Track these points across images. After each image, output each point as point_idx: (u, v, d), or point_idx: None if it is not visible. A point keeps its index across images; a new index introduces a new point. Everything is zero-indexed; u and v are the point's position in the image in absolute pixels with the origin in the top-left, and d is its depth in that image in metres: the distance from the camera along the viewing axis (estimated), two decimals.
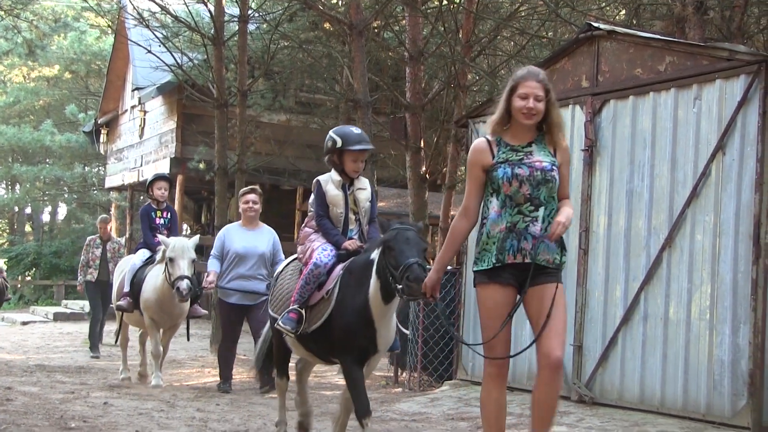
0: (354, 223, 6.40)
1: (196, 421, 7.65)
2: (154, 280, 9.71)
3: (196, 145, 20.90)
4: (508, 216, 4.99)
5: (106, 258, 14.36)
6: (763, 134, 7.18)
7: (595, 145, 8.66)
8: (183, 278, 9.17)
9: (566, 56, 9.11)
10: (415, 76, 14.24)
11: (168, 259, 9.35)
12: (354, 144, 6.31)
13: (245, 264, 9.75)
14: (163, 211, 10.54)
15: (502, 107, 5.14)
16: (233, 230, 10.00)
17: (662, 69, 8.10)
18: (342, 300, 5.91)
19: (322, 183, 6.44)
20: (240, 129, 15.59)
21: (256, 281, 9.75)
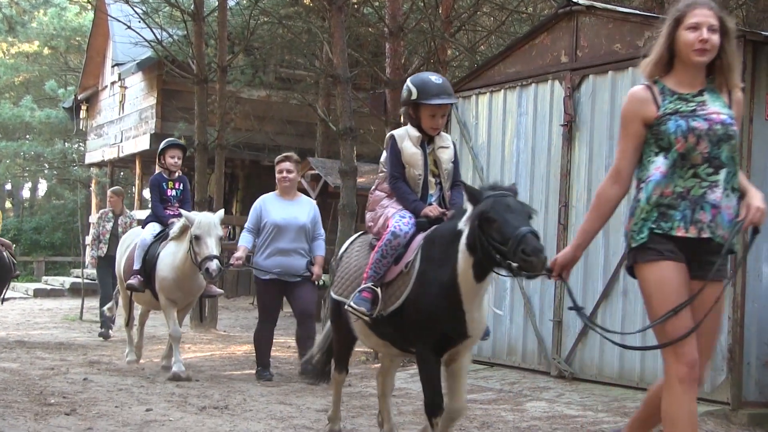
0: (434, 186, 5.52)
1: (176, 397, 7.58)
2: (171, 258, 8.84)
3: (176, 121, 20.76)
4: (678, 179, 4.11)
5: (117, 233, 13.11)
6: (747, 109, 7.12)
7: (575, 120, 8.60)
8: (212, 258, 8.30)
9: (545, 31, 9.03)
10: (395, 51, 14.12)
11: (193, 237, 8.45)
12: (432, 97, 5.40)
13: (284, 237, 8.75)
14: (176, 182, 9.64)
15: (662, 45, 4.23)
16: (270, 201, 8.96)
17: (641, 44, 8.02)
18: (424, 275, 5.05)
19: (397, 138, 5.51)
20: (220, 105, 15.45)
21: (297, 256, 8.80)
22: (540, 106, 9.00)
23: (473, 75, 9.98)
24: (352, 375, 9.07)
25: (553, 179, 8.80)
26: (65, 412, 6.63)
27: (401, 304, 5.09)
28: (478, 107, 9.71)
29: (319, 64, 17.90)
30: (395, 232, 5.23)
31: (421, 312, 5.00)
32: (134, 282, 9.12)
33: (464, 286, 4.88)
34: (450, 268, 4.91)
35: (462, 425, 6.55)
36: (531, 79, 9.08)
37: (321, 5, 14.30)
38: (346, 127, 11.46)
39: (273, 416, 6.78)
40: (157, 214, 9.47)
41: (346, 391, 8.11)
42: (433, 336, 5.02)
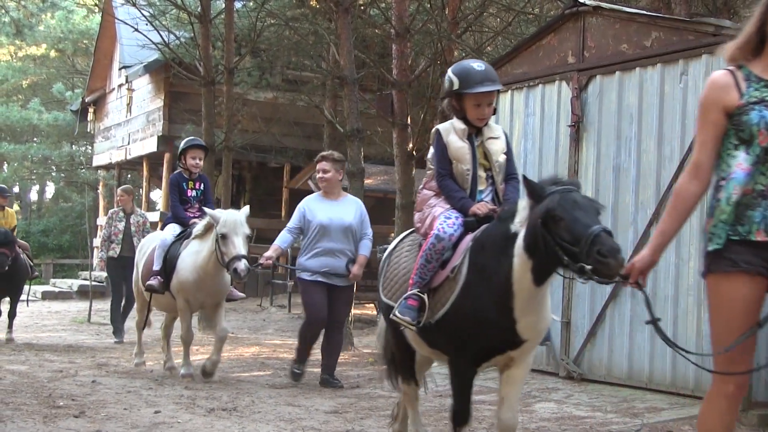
0: (485, 182, 5.13)
1: (184, 399, 7.58)
2: (193, 258, 8.51)
3: (183, 123, 20.79)
4: (759, 176, 3.70)
5: (130, 232, 12.89)
6: None
7: (582, 120, 8.58)
8: (240, 258, 8.00)
9: (552, 32, 9.02)
10: (402, 52, 14.12)
11: (219, 236, 8.14)
12: (475, 85, 5.00)
13: (330, 237, 8.40)
14: (196, 182, 9.28)
15: (752, 26, 3.83)
16: (314, 201, 8.62)
17: (648, 44, 8.02)
18: (471, 281, 4.65)
19: (442, 133, 5.15)
20: (227, 107, 15.47)
21: (344, 258, 8.47)
22: (547, 107, 8.99)
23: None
24: (360, 376, 9.08)
25: None
26: (74, 415, 6.63)
27: (447, 310, 4.72)
28: None
29: (326, 66, 17.88)
30: (439, 235, 4.87)
31: (465, 321, 4.63)
32: (154, 283, 8.76)
33: (520, 292, 4.48)
34: (502, 273, 4.51)
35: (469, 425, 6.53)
36: (538, 80, 9.07)
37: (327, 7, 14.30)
38: (353, 128, 11.46)
39: (281, 418, 6.78)
40: (176, 216, 9.17)
41: (355, 393, 8.11)
42: (473, 347, 4.68)
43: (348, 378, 9.18)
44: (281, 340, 13.26)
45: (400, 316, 4.86)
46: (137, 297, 9.78)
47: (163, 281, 8.74)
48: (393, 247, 5.50)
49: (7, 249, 11.74)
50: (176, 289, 8.66)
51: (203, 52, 15.40)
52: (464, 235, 4.89)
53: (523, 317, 4.55)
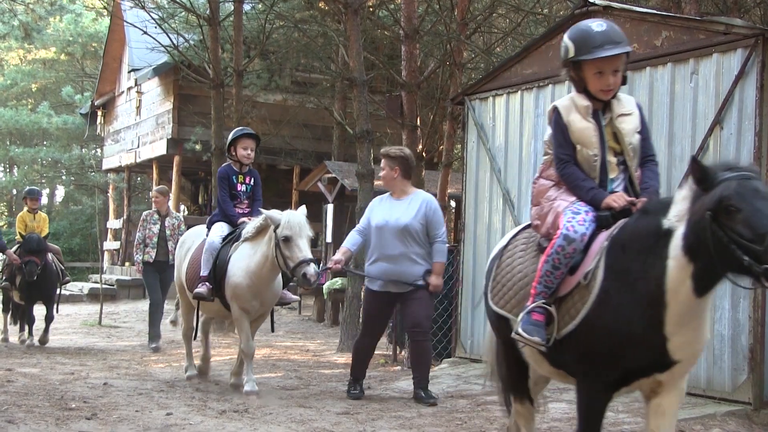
0: (616, 168, 4.33)
1: (196, 401, 7.61)
2: (246, 262, 7.89)
3: (192, 126, 20.85)
4: None
5: (165, 236, 12.35)
6: (760, 108, 7.11)
7: None
8: (309, 262, 7.39)
9: (562, 32, 8.95)
10: (411, 54, 14.14)
11: (281, 239, 7.52)
12: (594, 49, 4.24)
13: (387, 240, 7.73)
14: (246, 176, 8.62)
15: None
16: (378, 201, 8.06)
17: (659, 44, 8.02)
18: (610, 288, 3.91)
19: (561, 111, 4.38)
20: (236, 109, 15.51)
21: (407, 262, 7.72)
22: None
23: (490, 77, 9.98)
24: (371, 378, 9.09)
25: None
26: (86, 417, 6.66)
27: (577, 325, 4.02)
28: (495, 109, 9.71)
29: (335, 68, 17.93)
30: (568, 236, 4.12)
31: (601, 337, 3.89)
32: (203, 290, 8.07)
33: (675, 302, 3.77)
34: (652, 279, 3.81)
35: (482, 427, 6.56)
36: (548, 80, 9.07)
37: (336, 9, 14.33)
38: (363, 129, 11.47)
39: (293, 419, 6.80)
40: (226, 212, 8.50)
41: (366, 394, 8.13)
42: (611, 367, 3.93)
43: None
44: (292, 341, 13.29)
45: (527, 335, 4.12)
46: (182, 300, 9.07)
47: (212, 288, 8.08)
48: (503, 245, 4.76)
49: (38, 257, 11.70)
50: (230, 296, 8.00)
51: (212, 54, 15.45)
52: (597, 234, 4.17)
53: (676, 333, 3.81)
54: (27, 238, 11.87)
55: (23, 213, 12.73)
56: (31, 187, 13.89)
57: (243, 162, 8.55)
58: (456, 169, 17.09)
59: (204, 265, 8.13)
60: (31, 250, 11.72)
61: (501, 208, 9.59)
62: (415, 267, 7.68)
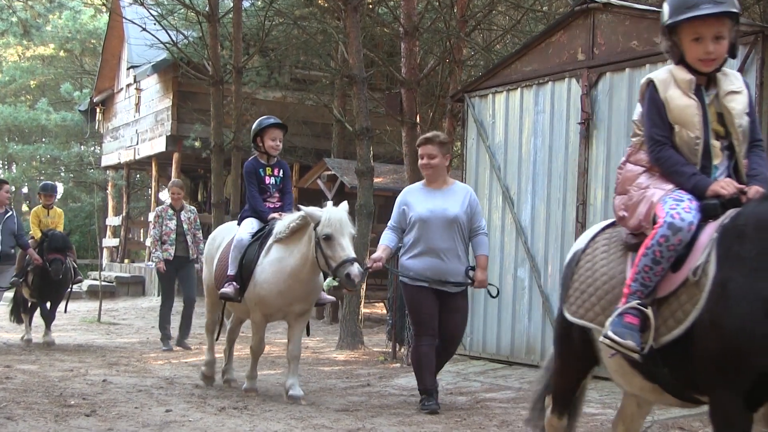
0: (720, 153, 3.81)
1: (195, 398, 7.63)
2: (276, 267, 7.40)
3: (191, 123, 20.85)
4: None
5: (183, 230, 11.93)
6: (760, 105, 7.14)
7: (592, 118, 8.60)
8: (352, 262, 6.92)
9: (562, 29, 9.04)
10: (411, 51, 14.14)
11: (322, 237, 7.04)
12: (690, 8, 3.70)
13: (434, 234, 7.11)
14: (274, 168, 8.17)
15: None
16: (414, 192, 7.39)
17: (658, 41, 8.00)
18: (727, 284, 3.36)
19: (657, 85, 3.87)
20: (235, 106, 15.52)
21: (454, 259, 7.17)
22: (557, 104, 9.01)
23: (489, 74, 10.00)
24: (371, 375, 9.12)
25: (570, 177, 8.81)
26: (85, 414, 6.67)
27: (687, 330, 3.46)
28: (495, 106, 9.73)
29: (335, 65, 17.93)
30: (674, 224, 3.58)
31: (725, 340, 3.30)
32: (229, 291, 7.64)
33: None
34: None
35: (481, 423, 6.58)
36: (548, 77, 9.10)
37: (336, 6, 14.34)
38: (363, 127, 11.49)
39: (292, 416, 6.81)
40: (255, 208, 8.02)
41: (366, 391, 8.15)
42: (744, 376, 3.30)
43: (358, 376, 9.22)
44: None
45: (619, 339, 3.56)
46: (208, 295, 8.59)
47: (239, 288, 7.64)
48: (581, 249, 4.20)
49: (62, 255, 11.43)
50: (253, 303, 7.58)
51: (211, 51, 15.45)
52: (704, 225, 3.64)
53: None
54: (52, 236, 11.52)
55: (37, 208, 12.48)
56: (45, 182, 13.60)
57: (271, 153, 8.14)
58: (455, 166, 17.09)
59: (231, 264, 7.70)
60: (57, 248, 11.42)
61: (501, 206, 9.61)
62: (460, 265, 7.16)
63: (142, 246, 25.59)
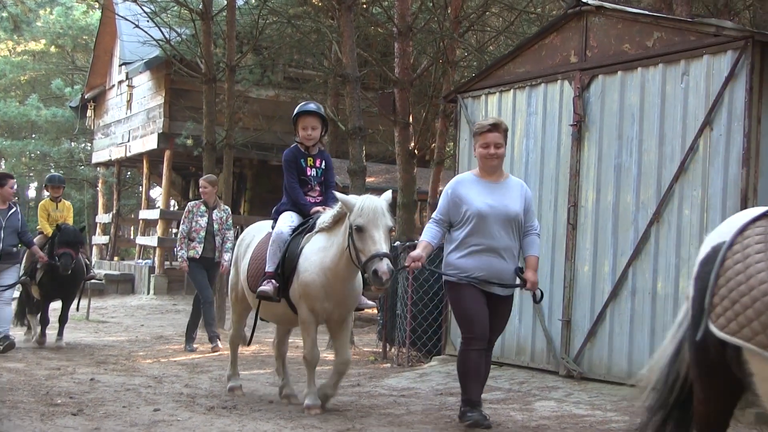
0: None
1: (184, 397, 7.65)
2: (320, 256, 6.82)
3: (184, 121, 20.88)
4: None
5: (213, 230, 11.45)
6: (749, 110, 7.20)
7: (584, 120, 8.65)
8: (382, 257, 6.25)
9: (555, 32, 9.09)
10: (404, 51, 14.19)
11: (354, 228, 6.43)
12: None
13: (492, 231, 6.37)
14: (316, 159, 7.51)
15: None
16: (468, 183, 6.56)
17: (650, 44, 8.10)
18: None
19: None
20: (228, 104, 15.52)
21: (511, 260, 6.48)
22: (549, 106, 9.06)
23: (482, 75, 10.05)
24: (361, 375, 9.15)
25: (562, 179, 8.86)
26: (72, 413, 6.67)
27: None
28: (488, 107, 9.77)
29: (328, 64, 17.97)
30: None
31: None
32: (268, 288, 6.96)
33: None
34: None
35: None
36: (540, 79, 9.14)
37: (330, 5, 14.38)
38: (355, 126, 11.52)
39: (281, 416, 6.84)
40: (296, 200, 7.37)
41: (356, 391, 8.19)
42: None
43: (348, 376, 9.25)
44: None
45: None
46: (235, 305, 8.02)
47: (278, 286, 7.01)
48: (727, 242, 3.49)
49: (73, 249, 10.95)
50: (298, 295, 6.93)
51: (204, 49, 15.46)
52: None
53: None
54: (64, 229, 11.08)
55: (45, 201, 12.24)
56: (52, 174, 13.17)
57: (305, 143, 7.48)
58: (448, 167, 17.16)
59: (270, 259, 7.06)
60: (67, 242, 10.94)
61: None
62: (513, 265, 6.51)
63: (132, 244, 25.60)
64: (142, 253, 23.75)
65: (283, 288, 7.01)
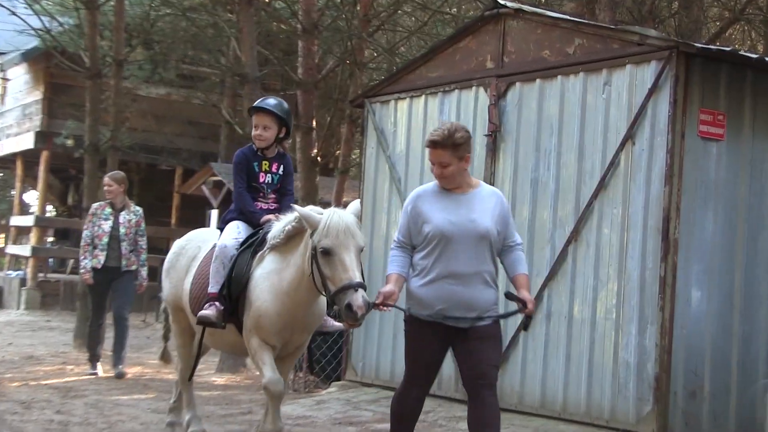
0: None
1: (55, 425, 7.44)
2: (274, 279, 6.22)
3: (64, 119, 20.47)
4: None
5: (119, 234, 10.73)
6: (673, 124, 7.30)
7: (499, 130, 8.69)
8: (356, 287, 5.52)
9: (470, 35, 9.12)
10: (309, 50, 14.10)
11: (319, 250, 5.70)
12: None
13: (457, 253, 5.54)
14: (273, 162, 6.89)
15: None
16: (428, 196, 5.71)
17: (571, 51, 8.18)
18: None
19: None
20: (114, 102, 15.23)
21: (480, 285, 5.57)
22: (463, 114, 9.08)
23: (392, 79, 10.03)
24: (253, 401, 9.00)
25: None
26: None
27: None
28: (397, 113, 9.75)
29: (226, 62, 17.79)
30: None
31: None
32: (210, 313, 6.33)
33: None
34: None
35: None
36: (454, 85, 9.16)
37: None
38: None
39: None
40: (243, 208, 6.80)
41: (246, 419, 8.03)
42: None
43: (239, 403, 9.10)
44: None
45: None
46: (176, 329, 7.24)
47: (223, 309, 6.37)
48: None
49: None
50: (251, 327, 6.28)
51: (89, 41, 15.13)
52: None
53: None
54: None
55: None
56: None
57: (256, 143, 6.88)
58: (353, 176, 17.12)
59: (213, 278, 6.46)
60: None
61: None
62: (487, 291, 5.64)
63: (1, 253, 24.92)
64: (14, 263, 23.17)
65: (231, 312, 6.36)
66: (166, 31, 18.61)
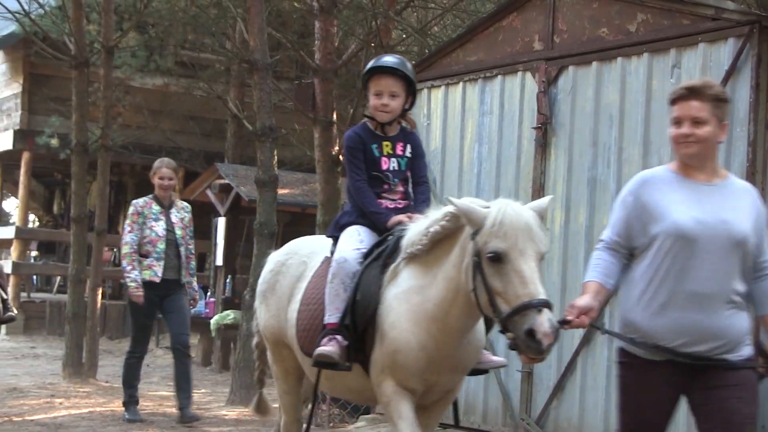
0: None
1: None
2: (415, 301, 5.33)
3: (47, 115, 20.60)
4: None
5: (176, 238, 10.00)
6: (755, 112, 7.23)
7: (550, 121, 8.64)
8: (541, 308, 4.67)
9: (515, 11, 9.09)
10: (327, 32, 14.10)
11: (487, 255, 4.84)
12: None
13: (701, 264, 4.71)
14: (396, 143, 6.02)
15: None
16: (661, 182, 4.92)
17: (633, 29, 8.12)
18: None
19: None
20: (104, 95, 15.28)
21: (728, 310, 4.74)
22: (507, 104, 9.05)
23: (424, 64, 10.00)
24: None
25: (523, 194, 8.82)
26: None
27: None
28: (431, 104, 9.73)
29: (231, 47, 17.84)
30: None
31: None
32: (332, 350, 5.45)
33: None
34: None
35: None
36: (496, 70, 9.13)
37: None
38: (265, 126, 11.42)
39: None
40: (364, 207, 5.87)
41: None
42: None
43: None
44: (169, 390, 13.08)
45: None
46: (278, 371, 6.46)
47: (348, 345, 5.50)
48: None
49: None
50: (384, 365, 5.39)
51: (74, 25, 15.20)
52: None
53: None
54: None
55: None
56: None
57: (378, 119, 5.99)
58: None
59: (331, 303, 5.60)
60: None
61: None
62: (737, 319, 4.77)
63: None
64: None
65: (359, 348, 5.51)
66: (162, 12, 18.67)
